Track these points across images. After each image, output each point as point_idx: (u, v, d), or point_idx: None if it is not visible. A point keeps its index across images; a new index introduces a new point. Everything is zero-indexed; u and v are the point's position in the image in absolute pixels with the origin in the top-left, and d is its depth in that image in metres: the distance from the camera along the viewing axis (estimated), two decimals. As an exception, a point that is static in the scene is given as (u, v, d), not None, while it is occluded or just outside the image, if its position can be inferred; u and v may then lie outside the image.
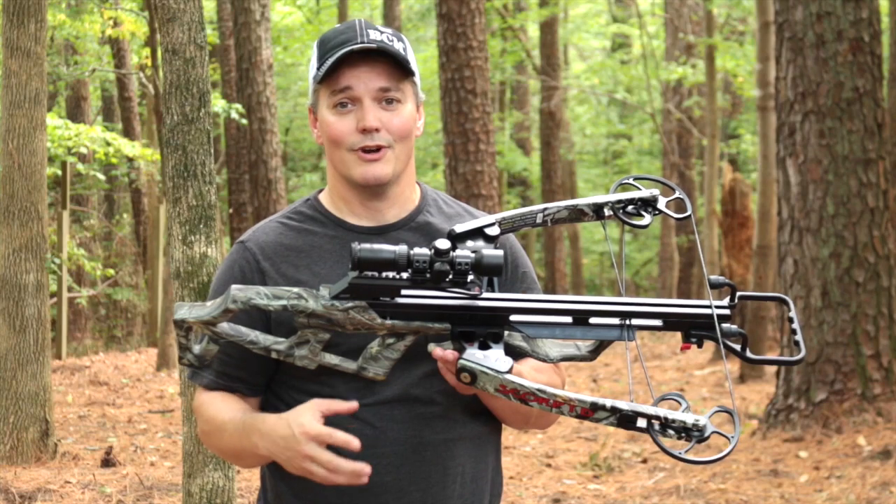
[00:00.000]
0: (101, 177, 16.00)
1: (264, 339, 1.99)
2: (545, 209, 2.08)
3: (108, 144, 12.73)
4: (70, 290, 13.70)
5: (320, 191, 2.25)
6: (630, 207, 2.09)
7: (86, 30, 14.15)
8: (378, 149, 2.10)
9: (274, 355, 2.00)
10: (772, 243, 10.91)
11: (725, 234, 12.35)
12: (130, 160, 15.17)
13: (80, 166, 15.18)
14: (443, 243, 1.90)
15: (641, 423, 1.85)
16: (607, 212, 2.09)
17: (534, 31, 23.70)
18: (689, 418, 1.84)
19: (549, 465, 7.36)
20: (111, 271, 14.96)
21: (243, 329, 1.99)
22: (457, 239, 2.00)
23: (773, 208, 10.36)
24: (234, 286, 1.95)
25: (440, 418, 2.11)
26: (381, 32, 2.12)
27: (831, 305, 7.62)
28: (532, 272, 2.26)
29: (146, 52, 12.27)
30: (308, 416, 1.96)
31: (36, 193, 6.98)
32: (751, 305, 11.27)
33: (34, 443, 6.87)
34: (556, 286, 19.51)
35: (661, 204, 2.09)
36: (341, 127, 2.10)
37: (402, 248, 1.89)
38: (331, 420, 2.04)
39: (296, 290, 1.95)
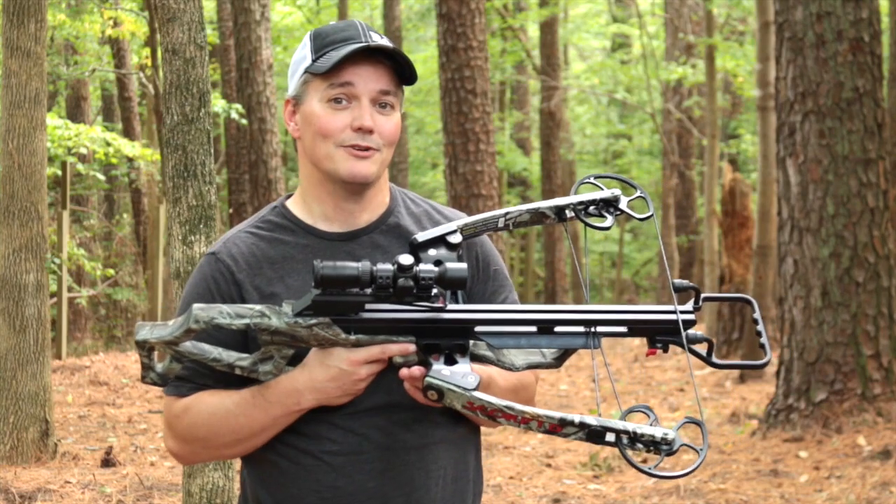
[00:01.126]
0: (101, 177, 15.99)
1: (227, 355, 1.98)
2: (507, 213, 2.08)
3: (108, 144, 12.73)
4: (70, 290, 13.69)
5: (287, 197, 2.21)
6: (591, 208, 2.08)
7: (86, 30, 14.15)
8: (367, 149, 2.09)
9: (238, 371, 1.98)
10: (772, 243, 10.91)
11: (725, 234, 12.35)
12: (130, 160, 15.17)
13: (80, 166, 15.18)
14: (406, 259, 1.88)
15: (610, 437, 1.85)
16: (569, 213, 2.08)
17: (534, 31, 23.70)
18: (658, 432, 1.84)
19: (549, 465, 7.36)
20: (111, 271, 14.95)
21: (206, 347, 1.97)
22: (419, 248, 1.99)
23: (773, 208, 10.36)
24: (195, 305, 1.93)
25: (421, 422, 2.10)
26: (381, 37, 2.12)
27: (831, 305, 7.61)
28: (504, 270, 2.24)
29: (146, 52, 12.28)
30: (342, 351, 1.96)
31: (36, 193, 6.98)
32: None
33: (34, 443, 6.86)
34: (556, 286, 19.51)
35: (623, 204, 2.08)
36: (335, 121, 2.07)
37: (364, 265, 1.88)
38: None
39: (258, 307, 1.93)
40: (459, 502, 2.16)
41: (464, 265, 1.91)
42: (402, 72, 2.11)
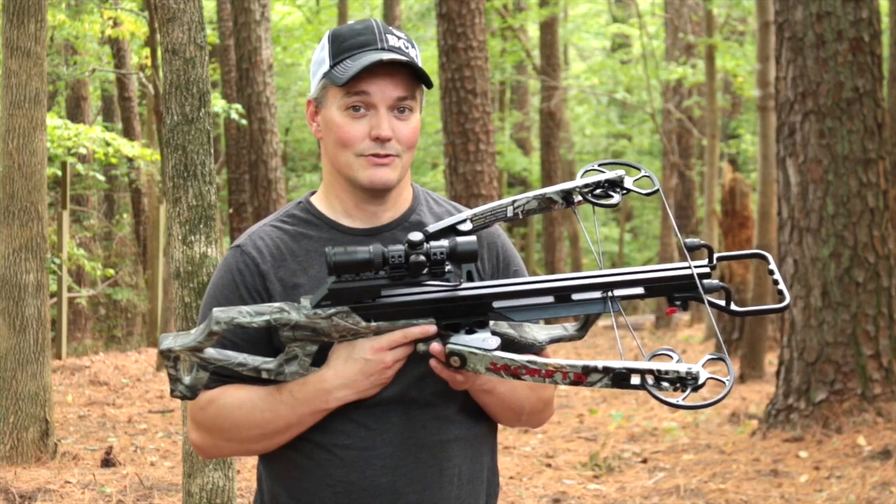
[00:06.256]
0: (101, 177, 16.00)
1: (252, 360, 1.99)
2: (514, 201, 2.09)
3: (108, 144, 12.74)
4: (70, 290, 13.70)
5: (312, 193, 2.24)
6: (598, 190, 2.10)
7: (86, 30, 14.15)
8: (387, 156, 2.10)
9: (265, 375, 1.99)
10: (772, 243, 10.91)
11: (725, 234, 12.35)
12: (130, 160, 15.17)
13: (79, 166, 15.18)
14: (415, 235, 1.92)
15: (635, 379, 1.84)
16: (576, 197, 2.10)
17: (534, 31, 23.70)
18: (682, 367, 1.83)
19: (549, 465, 7.36)
20: (111, 271, 14.96)
21: (230, 353, 1.98)
22: (431, 238, 2.01)
23: (773, 208, 10.36)
24: (215, 308, 1.94)
25: (436, 419, 2.11)
26: (399, 38, 2.13)
27: (831, 305, 7.61)
28: (524, 270, 2.26)
29: (146, 52, 12.28)
30: (364, 341, 1.98)
31: (36, 193, 6.98)
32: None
33: (34, 443, 6.86)
34: (556, 286, 19.51)
35: (628, 183, 2.10)
36: (353, 131, 2.09)
37: (376, 247, 1.90)
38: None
39: (277, 304, 1.95)
40: (472, 502, 2.16)
41: (473, 238, 1.94)
42: (420, 73, 2.12)
